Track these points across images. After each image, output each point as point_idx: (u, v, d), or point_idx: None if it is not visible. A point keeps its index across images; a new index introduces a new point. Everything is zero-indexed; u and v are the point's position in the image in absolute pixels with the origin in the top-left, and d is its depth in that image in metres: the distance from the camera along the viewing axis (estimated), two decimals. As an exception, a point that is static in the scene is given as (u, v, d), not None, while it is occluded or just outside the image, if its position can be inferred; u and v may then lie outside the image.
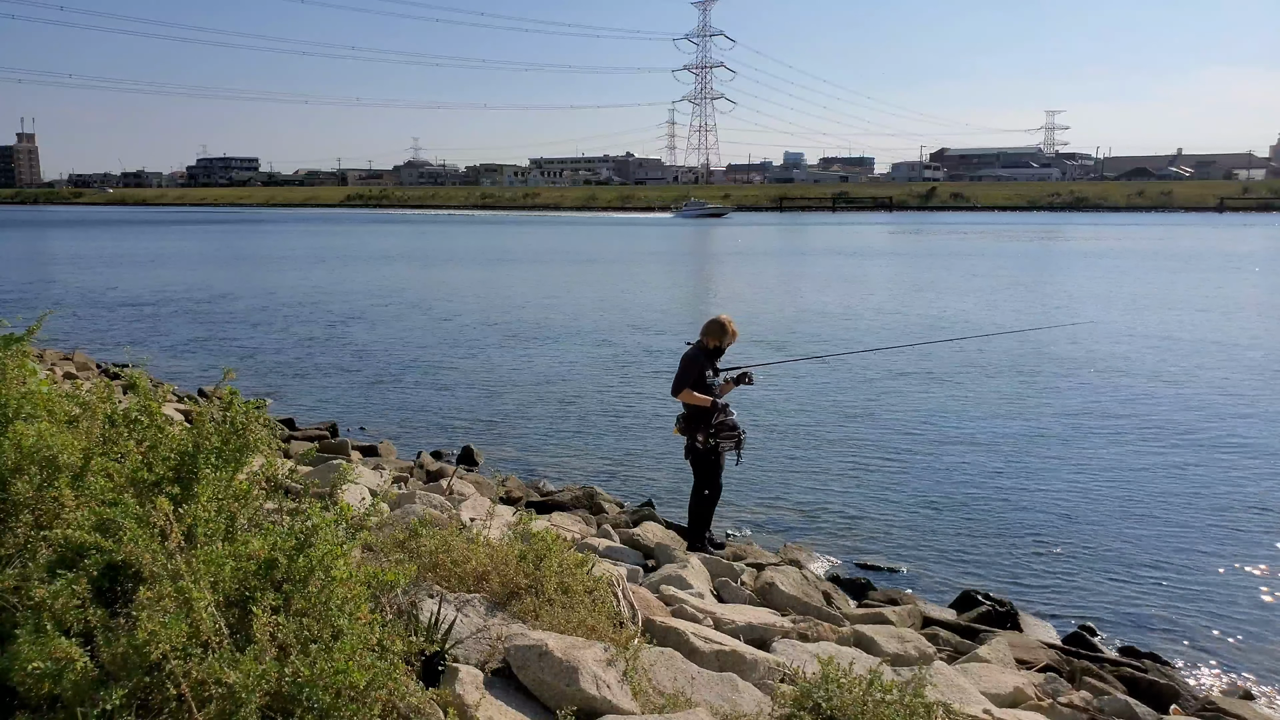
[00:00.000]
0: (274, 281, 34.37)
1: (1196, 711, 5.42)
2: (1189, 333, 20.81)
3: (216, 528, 3.05)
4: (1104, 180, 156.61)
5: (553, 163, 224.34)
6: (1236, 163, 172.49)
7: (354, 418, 13.29)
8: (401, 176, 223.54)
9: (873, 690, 3.54)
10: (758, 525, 8.94)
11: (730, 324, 7.53)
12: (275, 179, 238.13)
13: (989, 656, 5.69)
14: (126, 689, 2.49)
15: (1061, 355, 17.91)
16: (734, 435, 7.51)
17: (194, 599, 2.64)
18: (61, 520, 3.08)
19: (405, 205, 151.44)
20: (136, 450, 3.40)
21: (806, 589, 6.63)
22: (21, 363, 3.90)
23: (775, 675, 4.46)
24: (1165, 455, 11.14)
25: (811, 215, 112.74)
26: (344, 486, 3.90)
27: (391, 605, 3.71)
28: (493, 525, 5.17)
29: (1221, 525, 8.83)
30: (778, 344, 19.21)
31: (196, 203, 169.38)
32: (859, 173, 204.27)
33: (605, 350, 19.01)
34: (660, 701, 3.73)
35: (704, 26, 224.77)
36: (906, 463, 10.88)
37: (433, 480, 9.28)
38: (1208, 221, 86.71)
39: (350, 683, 2.63)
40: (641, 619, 4.80)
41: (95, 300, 28.01)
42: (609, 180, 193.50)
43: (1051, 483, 10.09)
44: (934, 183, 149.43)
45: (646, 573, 6.64)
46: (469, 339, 20.68)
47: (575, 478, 10.38)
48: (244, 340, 20.61)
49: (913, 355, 17.84)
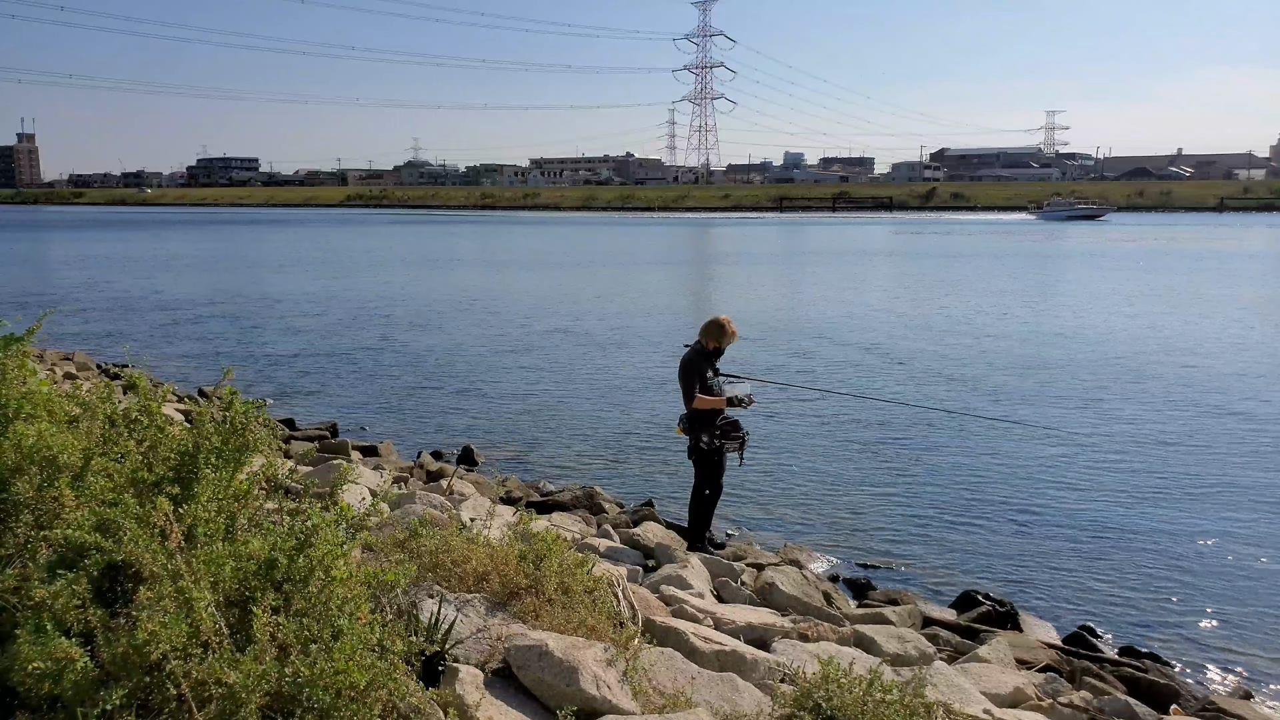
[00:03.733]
0: (274, 282, 34.37)
1: (1196, 711, 5.42)
2: (1189, 332, 20.82)
3: (216, 528, 3.05)
4: (1104, 180, 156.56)
5: (553, 163, 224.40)
6: (1236, 163, 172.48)
7: (354, 418, 13.29)
8: (401, 176, 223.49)
9: (873, 690, 3.54)
10: (758, 525, 8.94)
11: (729, 324, 7.50)
12: (275, 179, 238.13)
13: (989, 656, 5.69)
14: (126, 689, 2.48)
15: (1063, 355, 17.92)
16: (738, 436, 7.51)
17: (194, 599, 2.64)
18: (61, 520, 3.08)
19: (405, 205, 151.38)
20: (136, 450, 3.40)
21: (806, 589, 6.63)
22: (21, 363, 3.90)
23: (775, 675, 4.46)
24: (1165, 455, 11.14)
25: (813, 215, 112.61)
26: (344, 486, 3.89)
27: (391, 605, 3.71)
28: (493, 525, 5.18)
29: (1222, 525, 8.83)
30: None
31: (196, 203, 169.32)
32: (859, 173, 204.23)
33: (605, 350, 19.02)
34: (660, 701, 3.73)
35: (704, 26, 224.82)
36: (907, 463, 10.87)
37: (433, 480, 9.28)
38: (1209, 221, 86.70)
39: (350, 683, 2.63)
40: (641, 619, 4.80)
41: (95, 300, 28.01)
42: (609, 180, 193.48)
43: (1052, 483, 10.09)
44: (934, 183, 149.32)
45: (647, 573, 6.64)
46: (470, 339, 20.68)
47: (575, 478, 10.38)
48: (244, 340, 20.61)
49: (913, 355, 17.85)
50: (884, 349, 18.70)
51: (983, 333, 20.93)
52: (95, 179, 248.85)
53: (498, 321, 23.40)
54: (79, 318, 23.80)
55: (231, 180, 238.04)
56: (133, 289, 31.36)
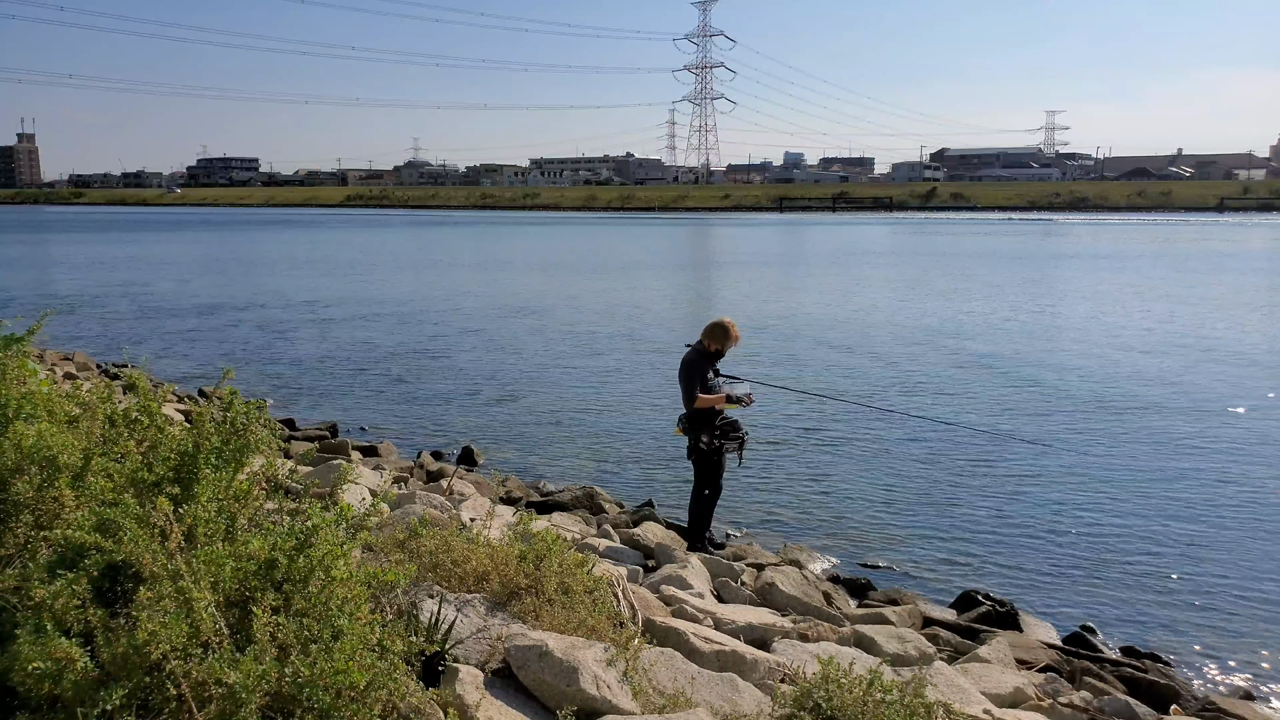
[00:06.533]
0: (274, 282, 34.36)
1: (1196, 711, 5.42)
2: (1188, 331, 20.81)
3: (216, 528, 3.05)
4: (1104, 180, 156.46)
5: (553, 163, 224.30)
6: (1236, 163, 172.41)
7: (354, 418, 13.29)
8: (401, 176, 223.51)
9: (873, 690, 3.54)
10: (758, 525, 8.94)
11: (733, 328, 7.47)
12: (275, 179, 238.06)
13: (989, 656, 5.69)
14: (126, 689, 2.49)
15: (1064, 354, 17.92)
16: (738, 436, 7.51)
17: (194, 599, 2.64)
18: (61, 520, 3.08)
19: (405, 205, 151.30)
20: (136, 450, 3.41)
21: (806, 589, 6.63)
22: (21, 363, 3.90)
23: (775, 675, 4.46)
24: (1165, 455, 11.14)
25: (813, 215, 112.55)
26: (344, 486, 3.90)
27: (391, 605, 3.71)
28: (493, 525, 5.17)
29: (1222, 525, 8.83)
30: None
31: (196, 203, 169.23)
32: (859, 173, 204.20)
33: (606, 350, 19.01)
34: (660, 701, 3.73)
35: (704, 26, 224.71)
36: (907, 463, 10.87)
37: (433, 480, 9.28)
38: (1210, 220, 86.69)
39: (350, 683, 2.63)
40: (641, 619, 4.80)
41: (95, 300, 28.01)
42: (609, 180, 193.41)
43: (1052, 482, 10.08)
44: (934, 183, 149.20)
45: (647, 573, 6.64)
46: (470, 339, 20.68)
47: (575, 478, 10.38)
48: (244, 340, 20.61)
49: (913, 355, 17.85)
50: (884, 350, 18.70)
51: (984, 334, 20.93)
52: (95, 179, 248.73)
53: (498, 321, 23.40)
54: (79, 318, 23.80)
55: (231, 180, 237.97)
56: (133, 289, 31.35)
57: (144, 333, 21.73)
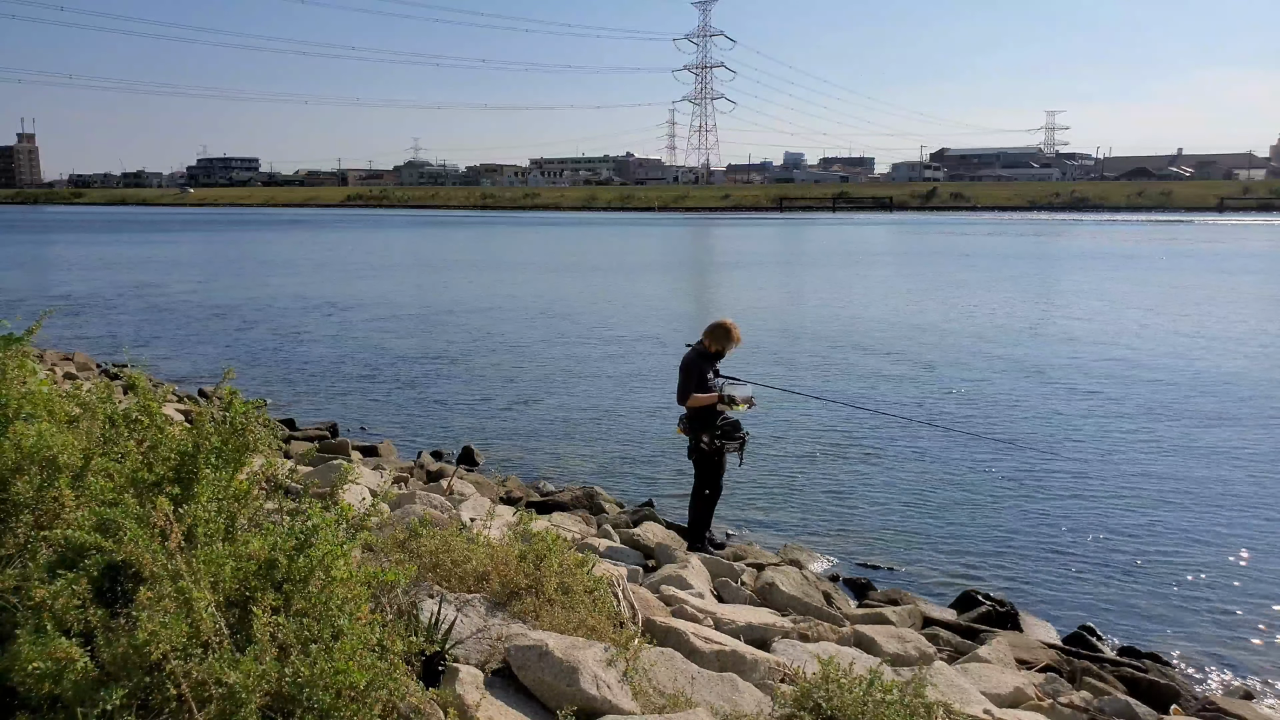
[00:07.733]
0: (274, 283, 34.35)
1: (1196, 711, 5.42)
2: (1187, 331, 20.81)
3: (216, 528, 3.05)
4: (1104, 180, 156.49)
5: (553, 163, 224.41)
6: (1236, 163, 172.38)
7: (354, 418, 13.28)
8: (402, 176, 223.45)
9: (873, 690, 3.54)
10: (758, 525, 8.94)
11: (735, 329, 7.44)
12: (275, 179, 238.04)
13: (989, 656, 5.69)
14: (126, 689, 2.48)
15: (1064, 355, 17.91)
16: (739, 436, 7.51)
17: (194, 599, 2.64)
18: (61, 520, 3.08)
19: (406, 205, 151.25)
20: (136, 450, 3.40)
21: (806, 589, 6.63)
22: (21, 363, 3.90)
23: (775, 675, 4.46)
24: (1166, 455, 11.14)
25: (813, 215, 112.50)
26: (344, 486, 3.89)
27: (392, 605, 3.71)
28: (493, 525, 5.18)
29: (1223, 525, 8.83)
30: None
31: (196, 203, 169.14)
32: (859, 173, 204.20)
33: (606, 349, 19.01)
34: (660, 701, 3.73)
35: (704, 26, 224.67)
36: (907, 463, 10.87)
37: (433, 480, 9.28)
38: (1209, 220, 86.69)
39: (350, 683, 2.63)
40: (642, 619, 4.80)
41: (95, 300, 28.01)
42: (609, 180, 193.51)
43: (1052, 482, 10.09)
44: (934, 183, 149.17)
45: (647, 573, 6.64)
46: (470, 339, 20.68)
47: (575, 478, 10.38)
48: (244, 340, 20.61)
49: (912, 355, 17.84)
50: (885, 351, 18.70)
51: (983, 335, 20.93)
52: (95, 179, 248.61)
53: (498, 321, 23.39)
54: (79, 318, 23.80)
55: (231, 180, 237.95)
56: (133, 289, 31.35)
57: (144, 333, 21.73)
